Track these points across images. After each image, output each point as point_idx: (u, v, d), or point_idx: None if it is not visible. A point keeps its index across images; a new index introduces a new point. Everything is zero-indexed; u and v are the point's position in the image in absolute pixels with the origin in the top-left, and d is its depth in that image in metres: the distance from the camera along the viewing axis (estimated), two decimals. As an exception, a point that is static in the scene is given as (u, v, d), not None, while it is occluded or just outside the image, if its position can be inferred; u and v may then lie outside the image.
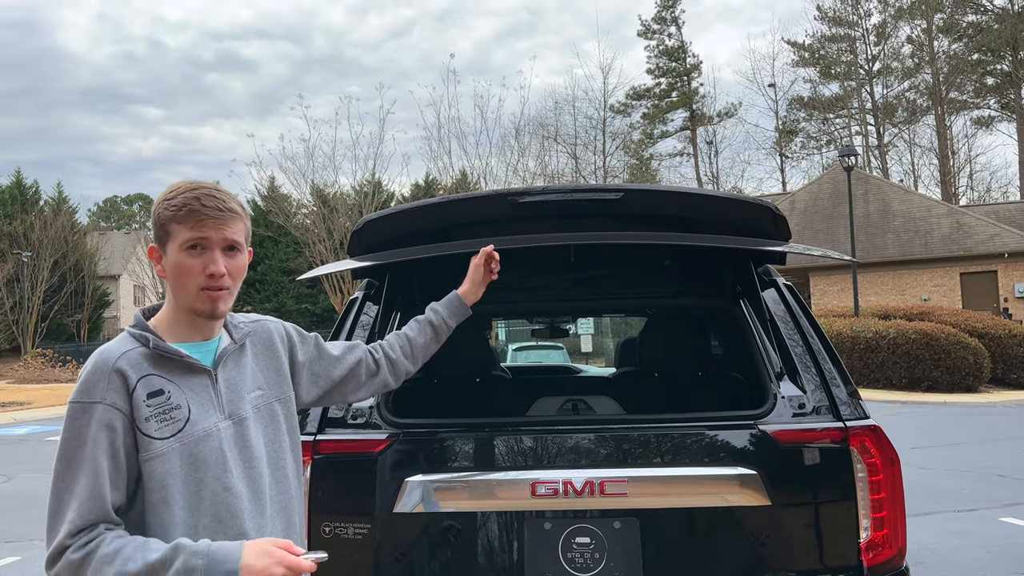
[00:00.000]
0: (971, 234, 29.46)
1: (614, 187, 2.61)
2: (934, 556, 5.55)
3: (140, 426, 1.52)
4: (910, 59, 51.34)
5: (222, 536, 1.56)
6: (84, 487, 1.47)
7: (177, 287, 1.63)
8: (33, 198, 44.26)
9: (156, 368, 1.57)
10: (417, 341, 2.17)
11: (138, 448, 1.52)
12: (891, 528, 2.30)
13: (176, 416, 1.55)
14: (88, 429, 1.49)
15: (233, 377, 1.69)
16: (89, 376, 1.53)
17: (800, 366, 2.48)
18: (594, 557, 2.28)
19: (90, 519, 1.46)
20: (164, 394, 1.55)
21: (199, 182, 1.66)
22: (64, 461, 1.49)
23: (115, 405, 1.51)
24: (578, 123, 48.60)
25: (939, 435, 11.68)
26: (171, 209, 1.61)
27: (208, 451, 1.57)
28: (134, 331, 1.61)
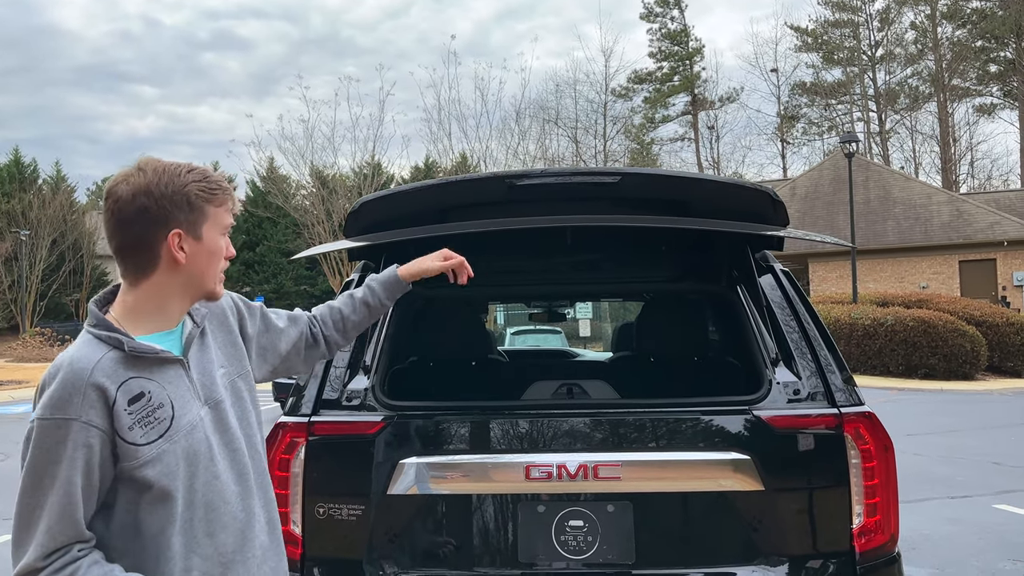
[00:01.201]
0: (971, 222, 29.44)
1: (612, 171, 2.59)
2: (927, 542, 5.58)
3: (124, 436, 1.42)
4: (913, 45, 51.12)
5: (216, 524, 1.53)
6: (55, 506, 1.39)
7: (206, 271, 1.56)
8: (31, 176, 44.13)
9: (132, 370, 1.47)
10: (351, 319, 2.08)
11: (119, 458, 1.43)
12: (884, 514, 2.31)
13: (160, 416, 1.47)
14: (63, 447, 1.39)
15: (202, 361, 1.62)
16: (60, 391, 1.41)
17: (796, 352, 2.47)
18: (587, 540, 2.29)
19: (62, 540, 1.39)
20: (145, 396, 1.46)
21: (196, 164, 1.60)
22: (34, 477, 1.40)
23: (92, 423, 1.40)
24: (579, 106, 48.49)
25: (935, 422, 11.72)
26: (208, 191, 1.54)
27: (197, 443, 1.52)
28: (100, 333, 1.48)
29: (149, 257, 1.51)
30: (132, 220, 1.49)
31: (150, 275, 1.53)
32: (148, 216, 1.49)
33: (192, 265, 1.54)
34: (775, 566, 2.27)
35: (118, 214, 1.49)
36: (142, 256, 1.51)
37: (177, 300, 1.57)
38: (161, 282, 1.54)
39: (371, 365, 2.54)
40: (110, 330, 1.49)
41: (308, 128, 36.10)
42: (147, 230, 1.50)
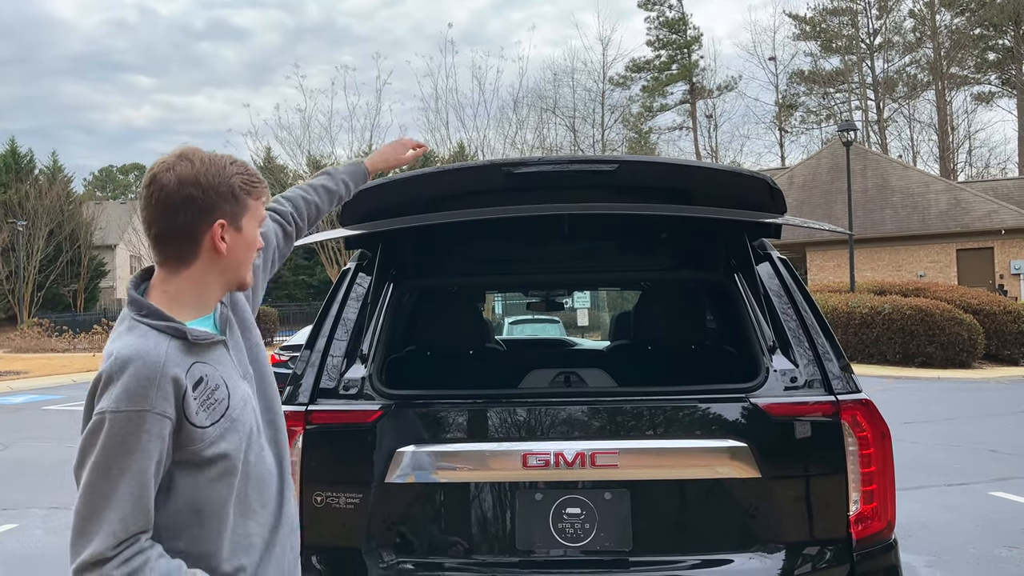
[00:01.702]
0: (968, 210, 29.43)
1: (609, 158, 2.59)
2: (924, 529, 5.60)
3: (192, 421, 1.45)
4: (912, 33, 50.98)
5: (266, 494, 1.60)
6: (128, 496, 1.40)
7: (241, 262, 1.59)
8: (28, 167, 44.01)
9: (191, 356, 1.49)
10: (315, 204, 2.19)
11: (184, 443, 1.46)
12: (880, 501, 2.31)
13: (218, 397, 1.51)
14: (137, 439, 1.40)
15: (234, 337, 1.67)
16: (134, 384, 1.40)
17: (793, 340, 2.47)
18: (584, 527, 2.29)
19: (133, 530, 1.40)
20: (204, 380, 1.49)
21: (230, 155, 1.62)
22: (102, 470, 1.40)
23: (166, 414, 1.42)
24: (577, 95, 48.33)
25: (932, 410, 11.76)
26: (251, 184, 1.57)
27: (248, 417, 1.57)
28: (158, 323, 1.48)
29: (191, 246, 1.52)
30: (177, 209, 1.49)
31: (191, 264, 1.54)
32: (195, 206, 1.49)
33: (231, 255, 1.56)
34: (772, 553, 2.27)
35: (163, 202, 1.49)
36: (184, 245, 1.52)
37: (215, 288, 1.59)
38: (201, 271, 1.55)
39: (368, 354, 2.54)
40: (167, 320, 1.49)
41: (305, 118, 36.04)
42: (192, 220, 1.50)
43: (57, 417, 12.88)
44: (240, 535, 1.54)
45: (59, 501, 6.85)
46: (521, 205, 2.61)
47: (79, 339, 31.65)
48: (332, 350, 2.53)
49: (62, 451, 9.40)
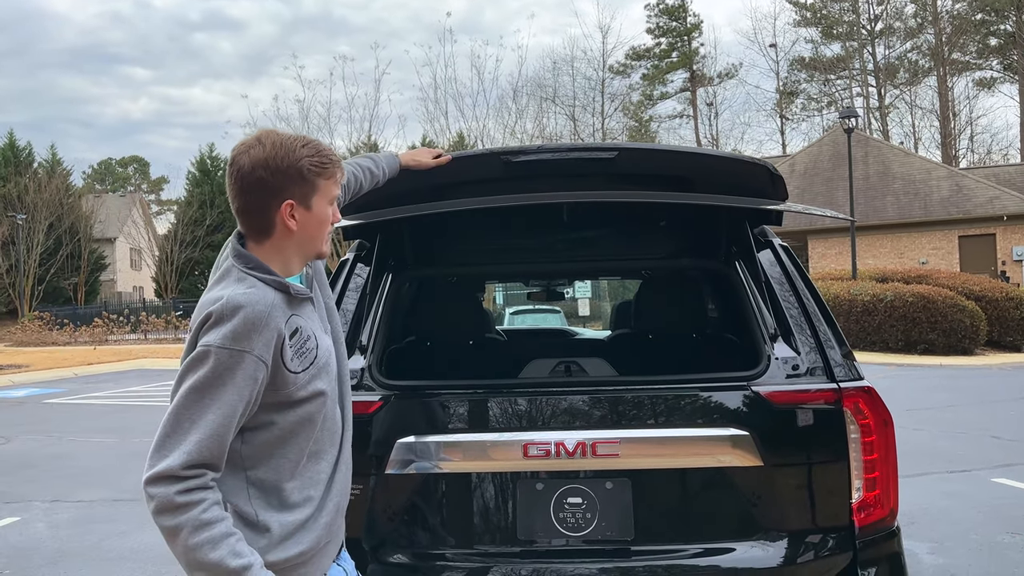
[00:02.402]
0: (970, 197, 29.37)
1: (609, 145, 2.56)
2: (926, 516, 5.60)
3: (288, 367, 1.59)
4: (913, 19, 50.77)
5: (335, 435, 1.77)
6: (212, 424, 1.50)
7: (315, 237, 1.72)
8: (27, 160, 43.96)
9: (290, 308, 1.64)
10: (364, 188, 2.43)
11: (279, 387, 1.59)
12: (883, 489, 2.30)
13: (309, 347, 1.65)
14: (233, 375, 1.52)
15: (317, 296, 1.83)
16: (242, 326, 1.53)
17: (795, 327, 2.46)
18: (585, 517, 2.28)
19: (207, 457, 1.49)
20: (299, 331, 1.64)
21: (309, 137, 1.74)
22: (196, 394, 1.51)
23: (263, 358, 1.55)
24: (576, 84, 48.21)
25: (934, 397, 11.76)
26: (321, 166, 1.67)
27: (330, 369, 1.73)
28: (264, 276, 1.63)
29: (266, 223, 1.67)
30: (251, 189, 1.64)
31: (270, 236, 1.68)
32: (265, 187, 1.63)
33: (303, 232, 1.69)
34: (774, 541, 2.26)
35: (240, 182, 1.64)
36: (260, 221, 1.67)
37: (295, 258, 1.73)
38: (278, 244, 1.69)
39: (368, 345, 2.53)
40: (272, 274, 1.65)
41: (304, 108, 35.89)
42: (263, 199, 1.64)
43: (58, 411, 12.90)
44: (313, 471, 1.70)
45: (60, 494, 6.87)
46: (521, 194, 2.59)
47: (80, 332, 31.68)
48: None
49: (63, 445, 9.41)
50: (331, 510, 1.74)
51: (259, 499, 1.63)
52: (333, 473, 1.77)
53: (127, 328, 32.47)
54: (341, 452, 1.81)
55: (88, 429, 10.61)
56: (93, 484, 7.21)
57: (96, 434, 10.12)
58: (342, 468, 1.81)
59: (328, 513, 1.73)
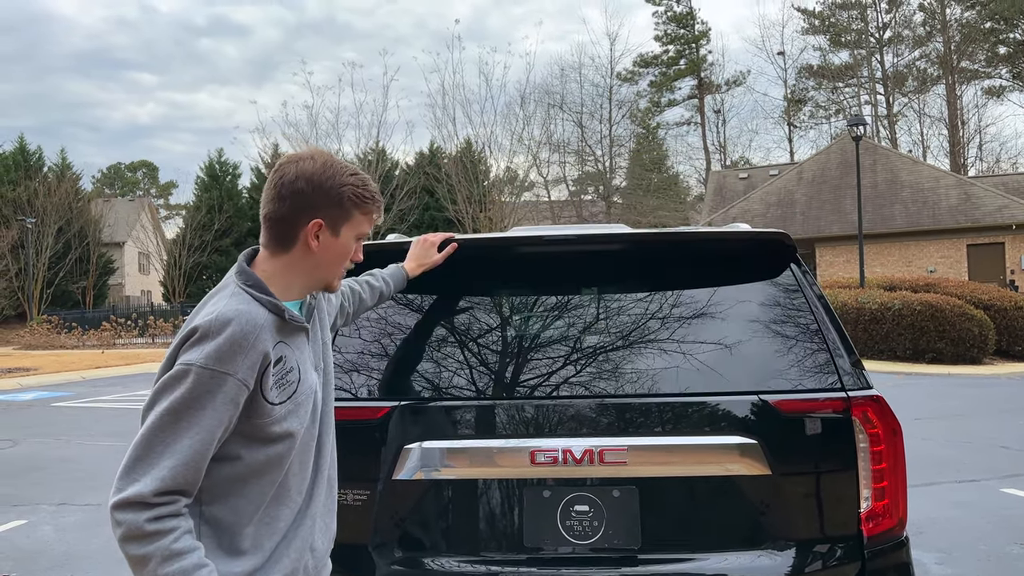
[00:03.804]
0: (979, 205, 29.27)
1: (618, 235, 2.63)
2: (935, 526, 5.57)
3: (266, 395, 1.52)
4: (921, 27, 50.70)
5: (305, 481, 1.67)
6: (187, 450, 1.43)
7: (330, 266, 1.68)
8: (36, 164, 44.21)
9: (279, 335, 1.57)
10: (367, 304, 2.36)
11: (253, 415, 1.51)
12: (892, 498, 2.29)
13: (291, 379, 1.58)
14: (213, 398, 1.44)
15: (315, 331, 1.76)
16: (227, 346, 1.46)
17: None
18: (592, 525, 2.28)
19: (181, 484, 1.42)
20: (284, 360, 1.57)
21: (360, 169, 1.71)
22: (172, 416, 1.43)
23: (245, 382, 1.48)
24: (584, 91, 48.29)
25: (942, 406, 11.70)
26: (363, 199, 1.66)
27: (311, 405, 1.65)
28: (259, 296, 1.56)
29: (290, 235, 1.63)
30: (287, 197, 1.61)
31: (288, 251, 1.64)
32: (301, 200, 1.61)
33: (322, 255, 1.65)
34: (782, 550, 2.25)
35: (279, 188, 1.62)
36: (284, 231, 1.63)
37: (303, 280, 1.68)
38: (295, 261, 1.65)
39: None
40: (269, 295, 1.59)
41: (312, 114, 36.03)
42: (295, 211, 1.61)
43: (66, 414, 12.94)
44: (271, 518, 1.60)
45: (67, 497, 6.89)
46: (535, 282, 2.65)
47: (88, 336, 31.80)
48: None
49: (71, 448, 9.44)
50: (286, 566, 1.61)
51: (209, 539, 1.52)
52: (296, 524, 1.65)
53: (135, 332, 32.60)
54: (311, 502, 1.69)
55: (95, 432, 10.64)
56: (100, 487, 7.22)
57: (103, 437, 10.15)
58: (308, 522, 1.68)
59: (282, 570, 1.60)
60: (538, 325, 2.57)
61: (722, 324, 2.45)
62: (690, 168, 56.12)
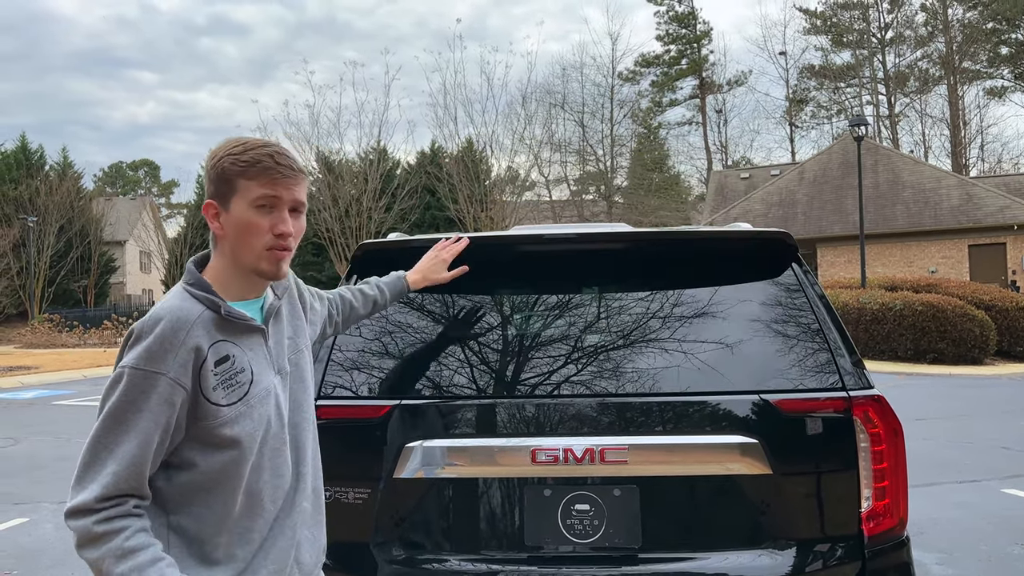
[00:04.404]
0: (980, 206, 29.24)
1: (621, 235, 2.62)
2: (936, 526, 5.57)
3: (207, 396, 1.48)
4: (923, 27, 50.65)
5: (278, 491, 1.62)
6: (127, 454, 1.41)
7: (241, 245, 1.57)
8: (38, 163, 44.23)
9: (222, 333, 1.53)
10: (359, 312, 2.32)
11: (199, 418, 1.48)
12: (893, 498, 2.29)
13: (241, 380, 1.53)
14: (147, 399, 1.42)
15: (278, 332, 1.70)
16: (157, 345, 1.44)
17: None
18: (593, 524, 2.28)
19: (124, 489, 1.41)
20: (230, 359, 1.52)
21: (264, 139, 1.61)
22: (112, 420, 1.42)
23: (179, 381, 1.44)
24: (586, 91, 48.28)
25: (943, 407, 11.69)
26: (240, 164, 1.54)
27: (269, 409, 1.59)
28: (197, 293, 1.53)
29: (209, 225, 1.61)
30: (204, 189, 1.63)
31: (216, 247, 1.61)
32: (206, 188, 1.61)
33: (229, 237, 1.58)
34: (782, 550, 2.25)
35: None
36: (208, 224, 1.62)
37: (235, 272, 1.61)
38: (221, 255, 1.61)
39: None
40: (207, 291, 1.54)
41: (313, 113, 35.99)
42: (203, 205, 1.60)
43: (67, 412, 12.95)
44: (243, 528, 1.56)
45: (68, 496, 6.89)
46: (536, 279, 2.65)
47: (89, 335, 31.82)
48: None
49: (72, 447, 9.44)
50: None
51: (180, 548, 1.50)
52: (274, 535, 1.61)
53: (136, 331, 32.55)
54: (291, 512, 1.65)
55: (96, 431, 10.63)
56: (101, 486, 7.23)
57: (104, 436, 10.14)
58: (288, 532, 1.64)
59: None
60: (539, 324, 2.56)
61: (723, 323, 2.45)
62: (691, 168, 56.17)
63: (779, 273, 2.59)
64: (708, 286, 2.56)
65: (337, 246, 32.96)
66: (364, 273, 2.70)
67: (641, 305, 2.54)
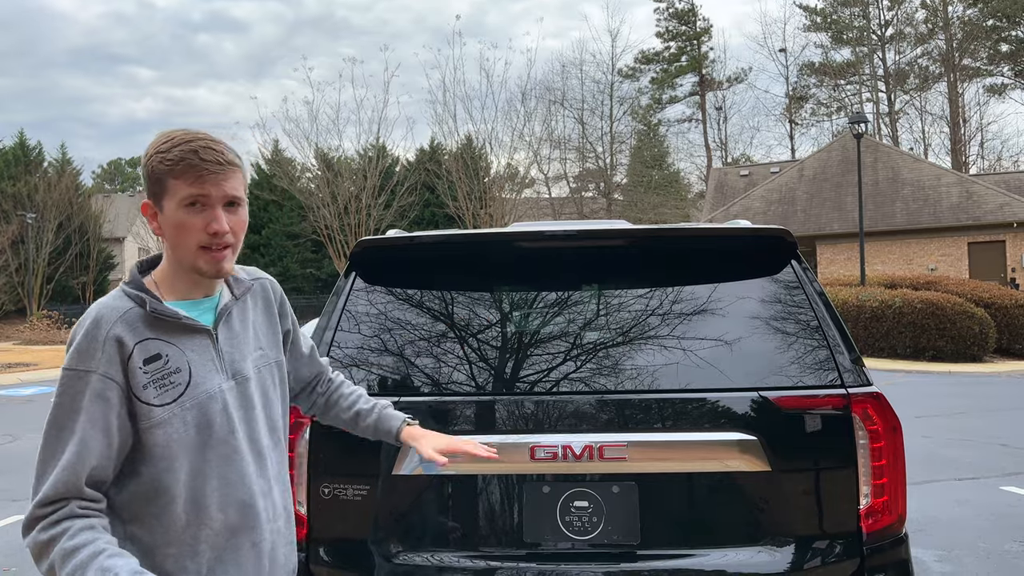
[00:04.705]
0: (980, 203, 29.23)
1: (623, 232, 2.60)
2: (934, 524, 5.57)
3: (137, 394, 1.44)
4: (923, 24, 50.61)
5: (230, 500, 1.54)
6: (66, 458, 1.40)
7: (177, 246, 1.52)
8: (37, 159, 44.17)
9: (154, 331, 1.48)
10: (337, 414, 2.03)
11: (137, 417, 1.44)
12: (891, 495, 2.29)
13: (176, 380, 1.48)
14: (81, 399, 1.41)
15: (236, 335, 1.62)
16: (84, 342, 1.43)
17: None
18: (592, 520, 2.28)
19: (62, 492, 1.39)
20: (162, 358, 1.47)
21: (193, 132, 1.53)
22: (55, 428, 1.42)
23: (109, 375, 1.42)
24: (585, 87, 48.25)
25: (943, 404, 11.70)
26: (167, 163, 1.48)
27: (213, 414, 1.52)
28: (129, 290, 1.51)
29: (154, 229, 1.56)
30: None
31: (162, 243, 1.56)
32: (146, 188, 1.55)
33: (167, 238, 1.54)
34: (781, 547, 2.25)
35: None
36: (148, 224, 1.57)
37: (176, 269, 1.57)
38: (165, 253, 1.58)
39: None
40: (139, 289, 1.52)
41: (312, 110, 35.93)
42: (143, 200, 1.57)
43: (67, 409, 12.93)
44: (191, 538, 1.50)
45: (69, 492, 6.89)
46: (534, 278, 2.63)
47: (89, 331, 31.75)
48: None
49: (72, 442, 9.44)
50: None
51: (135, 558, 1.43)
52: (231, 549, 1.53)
53: (135, 327, 32.54)
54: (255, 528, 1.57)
55: (95, 428, 10.63)
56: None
57: (103, 433, 10.14)
58: (247, 546, 1.56)
59: None
60: (538, 321, 2.56)
61: (722, 320, 2.45)
62: (691, 165, 56.13)
63: (778, 270, 2.59)
64: (707, 283, 2.55)
65: (336, 243, 32.93)
66: (363, 270, 2.70)
67: (640, 302, 2.53)
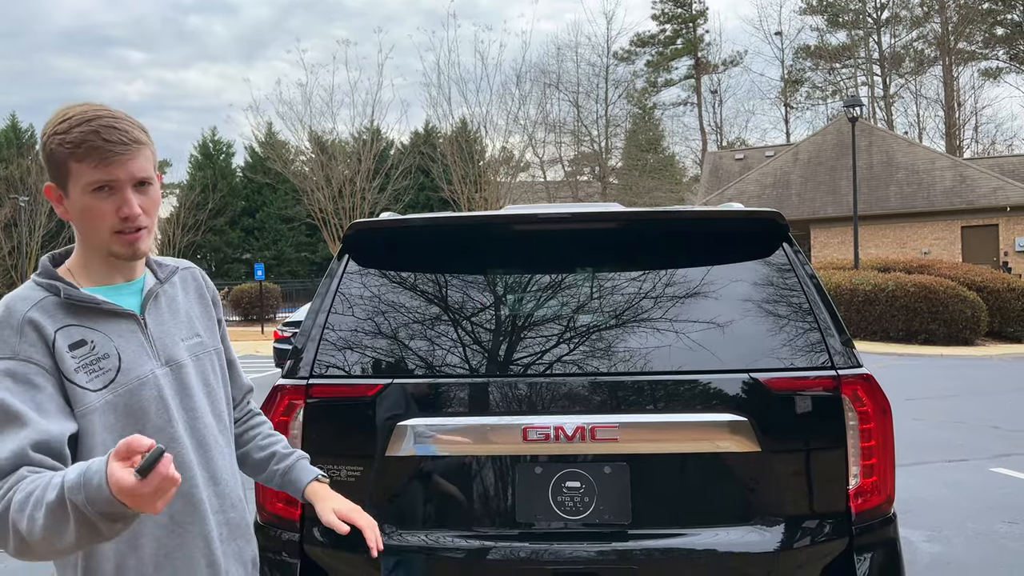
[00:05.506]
0: (974, 187, 29.28)
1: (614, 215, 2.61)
2: (924, 505, 5.63)
3: (71, 378, 1.38)
4: (919, 8, 50.44)
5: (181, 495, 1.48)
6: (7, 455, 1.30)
7: (88, 231, 1.46)
8: (29, 142, 43.90)
9: (74, 318, 1.42)
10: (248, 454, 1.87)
11: (73, 403, 1.39)
12: (880, 476, 2.31)
13: (105, 366, 1.42)
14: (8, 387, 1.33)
15: (165, 320, 1.57)
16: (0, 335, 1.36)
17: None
18: (583, 501, 2.30)
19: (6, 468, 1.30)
20: (87, 344, 1.42)
21: (94, 107, 1.44)
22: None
23: (31, 359, 1.36)
24: (580, 70, 48.04)
25: (934, 387, 11.77)
26: (67, 145, 1.39)
27: (147, 400, 1.46)
28: (40, 280, 1.45)
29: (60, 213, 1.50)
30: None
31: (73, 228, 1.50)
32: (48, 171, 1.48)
33: (76, 222, 1.48)
34: (771, 526, 2.28)
35: None
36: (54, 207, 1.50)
37: (95, 256, 1.51)
38: (77, 236, 1.52)
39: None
40: (51, 278, 1.46)
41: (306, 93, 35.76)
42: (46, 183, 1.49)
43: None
44: (131, 533, 1.43)
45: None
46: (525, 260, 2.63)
47: (83, 315, 31.67)
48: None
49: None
50: None
51: (87, 559, 1.42)
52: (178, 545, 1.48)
53: (129, 311, 32.48)
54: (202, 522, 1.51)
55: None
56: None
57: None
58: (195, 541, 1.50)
59: None
60: (531, 303, 2.57)
61: (714, 303, 2.46)
62: (686, 149, 56.06)
63: (770, 253, 2.60)
64: (699, 266, 2.56)
65: (331, 227, 32.85)
66: (356, 252, 2.70)
67: (633, 285, 2.54)
